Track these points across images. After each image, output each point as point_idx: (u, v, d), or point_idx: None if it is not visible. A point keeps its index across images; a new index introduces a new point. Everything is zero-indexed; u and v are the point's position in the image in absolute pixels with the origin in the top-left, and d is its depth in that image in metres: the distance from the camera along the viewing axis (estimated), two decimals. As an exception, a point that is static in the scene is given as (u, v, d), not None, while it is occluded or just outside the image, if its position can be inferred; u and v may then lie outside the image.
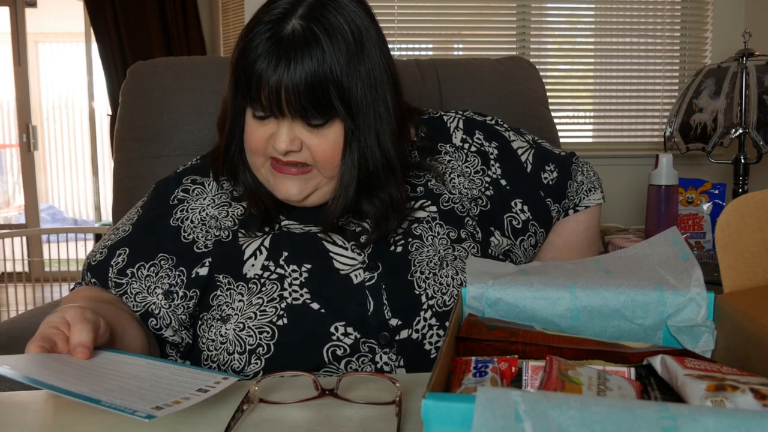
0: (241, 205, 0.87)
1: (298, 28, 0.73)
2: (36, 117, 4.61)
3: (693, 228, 1.47)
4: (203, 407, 0.59)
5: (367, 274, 0.81)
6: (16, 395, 0.64)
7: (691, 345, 0.54)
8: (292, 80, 0.72)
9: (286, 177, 0.80)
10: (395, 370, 0.78)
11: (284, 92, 0.73)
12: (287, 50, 0.73)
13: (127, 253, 0.84)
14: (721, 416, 0.31)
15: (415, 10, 2.60)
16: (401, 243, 0.84)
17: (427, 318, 0.79)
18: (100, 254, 0.86)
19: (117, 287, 0.83)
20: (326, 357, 0.76)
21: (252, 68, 0.74)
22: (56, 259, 3.29)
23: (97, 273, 0.85)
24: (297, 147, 0.77)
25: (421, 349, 0.79)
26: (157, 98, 1.22)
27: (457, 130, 0.96)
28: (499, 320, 0.56)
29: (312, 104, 0.74)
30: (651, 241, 0.64)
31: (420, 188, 0.90)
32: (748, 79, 1.63)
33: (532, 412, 0.32)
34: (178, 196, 0.87)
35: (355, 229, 0.84)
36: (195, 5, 3.39)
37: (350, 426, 0.55)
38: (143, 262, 0.83)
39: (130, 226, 0.87)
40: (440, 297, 0.80)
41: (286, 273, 0.80)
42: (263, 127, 0.78)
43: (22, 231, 3.41)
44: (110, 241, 0.87)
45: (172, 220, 0.85)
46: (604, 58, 2.63)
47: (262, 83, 0.74)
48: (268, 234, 0.84)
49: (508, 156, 0.95)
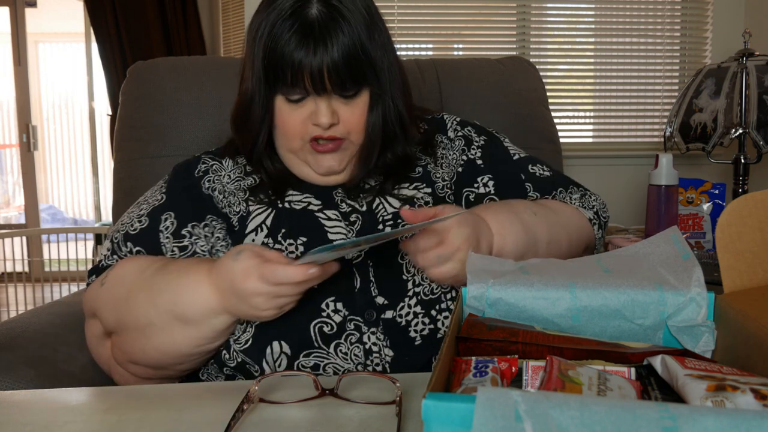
0: (252, 177, 0.90)
1: (322, 11, 0.79)
2: (36, 117, 4.61)
3: (693, 228, 1.47)
4: (203, 407, 0.59)
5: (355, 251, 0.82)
6: (16, 395, 0.64)
7: (692, 345, 0.54)
8: (332, 59, 0.78)
9: (325, 155, 0.84)
10: (383, 351, 0.78)
11: (327, 71, 0.79)
12: (322, 33, 0.78)
13: (174, 217, 0.85)
14: (722, 416, 0.31)
15: (415, 10, 2.60)
16: (390, 223, 0.86)
17: (411, 305, 0.80)
18: (138, 222, 0.85)
19: (181, 250, 0.83)
20: (312, 333, 0.77)
21: (290, 58, 0.78)
22: (56, 259, 3.29)
23: (141, 241, 0.84)
24: (336, 120, 0.82)
25: (407, 335, 0.79)
26: (157, 98, 1.22)
27: (453, 124, 1.01)
28: (499, 320, 0.56)
29: (350, 76, 0.80)
30: (651, 241, 0.64)
31: (419, 169, 0.93)
32: (748, 79, 1.63)
33: (533, 412, 0.32)
34: (201, 169, 0.90)
35: (364, 185, 0.89)
36: (195, 5, 3.39)
37: (350, 426, 0.55)
38: (195, 222, 0.85)
39: (161, 195, 0.88)
40: (427, 285, 0.82)
41: (282, 248, 0.82)
42: (299, 110, 0.82)
43: (22, 231, 3.40)
44: (143, 210, 0.87)
45: (203, 190, 0.88)
46: (604, 58, 2.62)
47: (304, 69, 0.78)
48: (272, 209, 0.86)
49: (494, 147, 0.99)
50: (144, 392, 0.65)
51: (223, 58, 2.21)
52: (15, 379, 0.80)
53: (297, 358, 0.77)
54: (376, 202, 0.88)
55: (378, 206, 0.87)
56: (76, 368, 0.89)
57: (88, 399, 0.64)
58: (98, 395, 0.65)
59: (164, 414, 0.58)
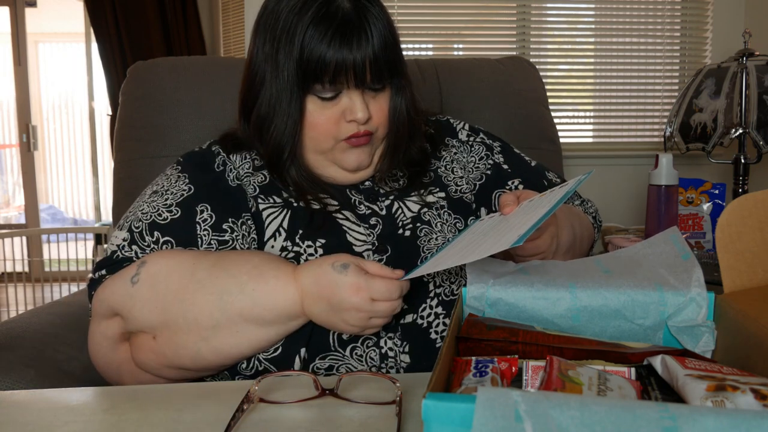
0: (261, 173, 0.88)
1: (350, 7, 0.79)
2: (36, 117, 4.61)
3: (693, 228, 1.47)
4: (203, 407, 0.59)
5: (377, 256, 0.83)
6: (16, 394, 0.64)
7: (692, 345, 0.54)
8: (373, 52, 0.79)
9: (356, 149, 0.84)
10: (399, 356, 0.78)
11: (368, 64, 0.79)
12: (357, 29, 0.78)
13: (211, 209, 0.82)
14: (722, 416, 0.31)
15: (415, 10, 2.60)
16: (410, 227, 0.86)
17: (433, 306, 0.80)
18: (168, 212, 0.81)
19: (221, 244, 0.80)
20: (331, 338, 0.77)
21: (329, 58, 0.78)
22: (56, 259, 3.29)
23: (172, 231, 0.79)
24: (369, 114, 0.82)
25: (427, 337, 0.79)
26: (157, 98, 1.22)
27: (463, 129, 1.01)
28: (499, 320, 0.56)
29: (387, 67, 0.81)
30: (651, 241, 0.64)
31: (430, 173, 0.93)
32: (748, 79, 1.63)
33: (533, 412, 0.32)
34: (218, 162, 0.88)
35: (379, 190, 0.90)
36: (195, 5, 3.38)
37: (350, 426, 0.55)
38: (233, 218, 0.82)
39: (187, 186, 0.83)
40: (448, 286, 0.82)
41: (301, 250, 0.81)
42: (332, 108, 0.82)
43: (22, 231, 3.40)
44: (169, 200, 0.82)
45: (230, 182, 0.86)
46: (604, 58, 2.62)
47: (347, 65, 0.78)
48: (287, 210, 0.84)
49: (509, 152, 1.01)
50: (144, 392, 0.65)
51: (223, 58, 2.21)
52: (15, 379, 0.80)
53: (313, 361, 0.76)
54: (395, 206, 0.88)
55: (397, 210, 0.87)
56: (76, 368, 0.89)
57: (88, 399, 0.64)
58: (98, 395, 0.65)
59: (164, 414, 0.58)
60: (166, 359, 0.73)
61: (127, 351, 0.76)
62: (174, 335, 0.72)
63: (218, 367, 0.75)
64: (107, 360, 0.78)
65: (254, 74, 0.85)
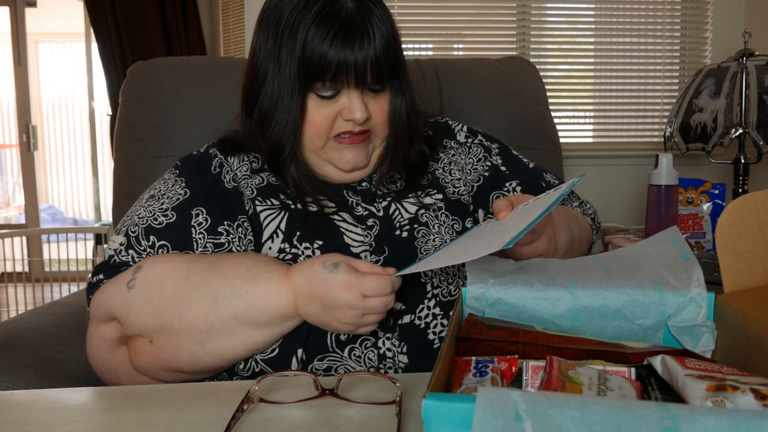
0: (260, 175, 0.88)
1: (353, 7, 0.79)
2: (36, 117, 4.61)
3: (693, 228, 1.47)
4: (203, 407, 0.59)
5: (374, 257, 0.82)
6: (16, 394, 0.64)
7: (692, 345, 0.54)
8: (375, 52, 0.79)
9: (351, 147, 0.84)
10: (397, 357, 0.78)
11: (369, 65, 0.79)
12: (361, 28, 0.78)
13: (206, 213, 0.82)
14: (722, 416, 0.31)
15: (415, 10, 2.60)
16: (407, 228, 0.85)
17: (431, 307, 0.80)
18: (163, 216, 0.81)
19: (217, 246, 0.80)
20: (329, 339, 0.77)
21: (333, 57, 0.78)
22: (56, 259, 3.29)
23: (167, 235, 0.79)
24: (367, 114, 0.82)
25: (425, 337, 0.79)
26: (157, 98, 1.22)
27: (461, 131, 1.01)
28: (499, 320, 0.56)
29: (388, 68, 0.81)
30: (651, 241, 0.64)
31: (428, 175, 0.93)
32: (748, 79, 1.63)
33: (533, 412, 0.32)
34: (215, 165, 0.88)
35: (377, 191, 0.89)
36: (195, 5, 3.38)
37: (350, 426, 0.55)
38: (229, 221, 0.82)
39: (183, 190, 0.84)
40: (446, 287, 0.82)
41: (299, 251, 0.81)
42: (330, 106, 0.82)
43: (22, 231, 3.40)
44: (165, 204, 0.82)
45: (226, 184, 0.86)
46: (604, 58, 2.62)
47: (348, 65, 0.78)
48: (285, 212, 0.84)
49: (508, 154, 1.01)
50: (144, 392, 0.65)
51: (223, 58, 2.21)
52: (15, 379, 0.80)
53: (311, 362, 0.76)
54: (393, 208, 0.88)
55: (394, 212, 0.87)
56: (76, 368, 0.89)
57: (88, 399, 0.64)
58: (98, 395, 0.65)
59: (164, 414, 0.58)
60: (163, 362, 0.74)
61: (124, 354, 0.77)
62: (170, 339, 0.72)
63: (215, 369, 0.75)
64: (105, 363, 0.78)
65: (256, 70, 0.85)
